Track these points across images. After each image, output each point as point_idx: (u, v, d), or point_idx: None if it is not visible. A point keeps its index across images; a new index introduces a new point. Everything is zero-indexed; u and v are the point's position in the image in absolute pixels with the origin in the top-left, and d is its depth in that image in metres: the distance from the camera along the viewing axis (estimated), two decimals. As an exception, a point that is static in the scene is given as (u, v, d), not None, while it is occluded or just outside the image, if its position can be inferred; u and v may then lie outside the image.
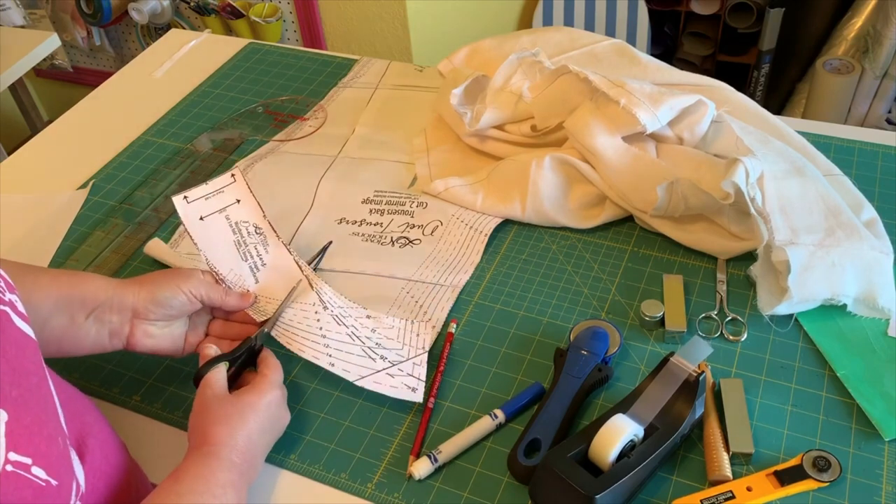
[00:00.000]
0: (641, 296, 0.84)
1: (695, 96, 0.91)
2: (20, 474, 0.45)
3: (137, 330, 0.73)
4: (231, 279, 0.81)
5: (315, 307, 0.82)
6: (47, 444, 0.48)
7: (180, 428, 0.76)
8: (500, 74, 1.01)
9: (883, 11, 2.01)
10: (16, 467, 0.44)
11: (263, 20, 1.92)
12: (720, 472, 0.67)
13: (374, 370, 0.77)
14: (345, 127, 1.13)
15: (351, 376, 0.76)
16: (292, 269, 0.84)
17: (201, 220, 0.81)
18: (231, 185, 0.84)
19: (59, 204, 1.04)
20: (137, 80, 1.29)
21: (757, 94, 2.36)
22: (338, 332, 0.80)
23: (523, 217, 0.93)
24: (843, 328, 0.78)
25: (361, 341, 0.80)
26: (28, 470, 0.45)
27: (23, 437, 0.46)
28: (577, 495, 0.62)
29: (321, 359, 0.77)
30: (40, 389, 0.51)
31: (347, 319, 0.82)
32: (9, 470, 0.44)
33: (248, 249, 0.83)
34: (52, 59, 2.41)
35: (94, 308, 0.71)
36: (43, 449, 0.48)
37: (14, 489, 0.44)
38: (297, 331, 0.80)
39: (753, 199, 0.81)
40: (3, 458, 0.44)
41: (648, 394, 0.70)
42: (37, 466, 0.46)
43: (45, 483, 0.47)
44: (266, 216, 0.85)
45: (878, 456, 0.68)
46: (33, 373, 0.51)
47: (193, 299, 0.75)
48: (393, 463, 0.72)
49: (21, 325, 0.52)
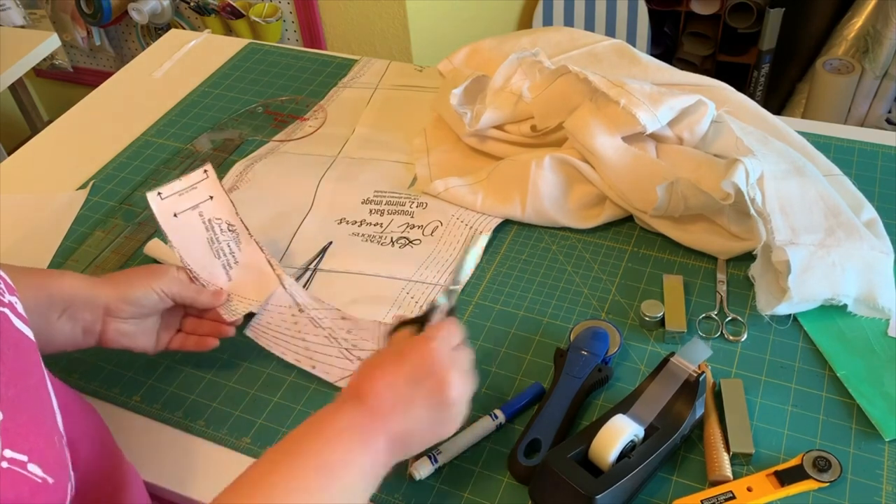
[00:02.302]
0: (641, 296, 0.84)
1: (695, 96, 0.91)
2: (16, 471, 0.45)
3: (110, 327, 0.73)
4: (204, 277, 0.81)
5: (291, 309, 0.82)
6: (44, 443, 0.49)
7: (180, 428, 0.77)
8: (500, 74, 1.01)
9: (883, 11, 2.01)
10: (11, 464, 0.45)
11: (263, 20, 1.92)
12: (720, 473, 0.67)
13: (353, 371, 0.77)
14: (345, 127, 1.13)
15: (332, 378, 0.77)
16: (264, 268, 0.84)
17: (175, 216, 0.81)
18: (204, 182, 0.83)
19: (59, 204, 1.04)
20: (137, 80, 1.29)
21: (757, 94, 2.36)
22: (316, 335, 0.81)
23: (523, 217, 0.93)
24: (843, 328, 0.78)
25: (339, 342, 0.80)
26: (24, 467, 0.45)
27: (19, 436, 0.46)
28: (577, 495, 0.62)
29: (303, 362, 0.78)
30: (38, 390, 0.51)
31: (324, 321, 0.82)
32: (4, 467, 0.44)
33: (220, 247, 0.83)
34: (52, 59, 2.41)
35: (68, 307, 0.71)
36: (39, 447, 0.48)
37: (11, 485, 0.44)
38: (278, 334, 0.80)
39: (753, 199, 0.81)
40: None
41: (648, 394, 0.70)
42: (33, 464, 0.46)
43: (42, 480, 0.47)
44: (238, 213, 0.84)
45: (878, 456, 0.68)
46: (31, 373, 0.51)
47: (165, 297, 0.75)
48: (393, 463, 0.72)
49: (21, 326, 0.52)
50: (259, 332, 0.80)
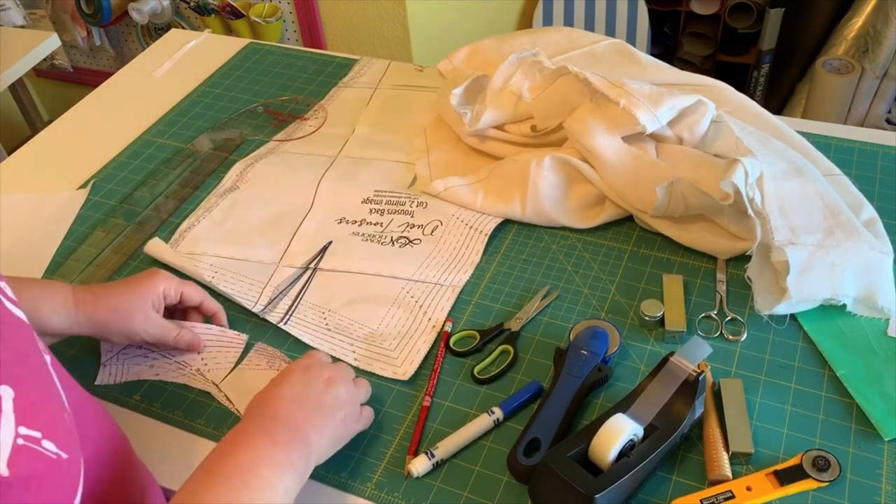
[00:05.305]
0: (641, 296, 0.84)
1: (695, 96, 0.91)
2: (31, 447, 0.45)
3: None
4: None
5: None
6: (54, 419, 0.49)
7: (180, 428, 0.77)
8: (500, 74, 1.01)
9: (883, 11, 2.00)
10: (27, 441, 0.45)
11: (263, 20, 1.92)
12: (720, 472, 0.67)
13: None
14: (345, 127, 1.13)
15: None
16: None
17: None
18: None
19: (59, 204, 1.04)
20: (137, 80, 1.29)
21: (757, 94, 2.36)
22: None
23: (523, 217, 0.93)
24: (843, 328, 0.78)
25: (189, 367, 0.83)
26: (38, 443, 0.46)
27: (31, 413, 0.46)
28: (577, 495, 0.62)
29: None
30: (41, 370, 0.52)
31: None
32: (20, 444, 0.44)
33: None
34: (52, 59, 2.41)
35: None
36: (51, 423, 0.48)
37: (27, 462, 0.44)
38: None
39: (752, 199, 0.81)
40: (13, 432, 0.44)
41: (648, 393, 0.70)
42: (46, 440, 0.47)
43: (56, 456, 0.47)
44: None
45: (877, 456, 0.68)
46: (33, 353, 0.52)
47: (143, 340, 0.78)
48: (392, 462, 0.72)
49: (14, 309, 0.52)
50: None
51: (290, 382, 0.68)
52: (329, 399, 0.68)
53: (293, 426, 0.64)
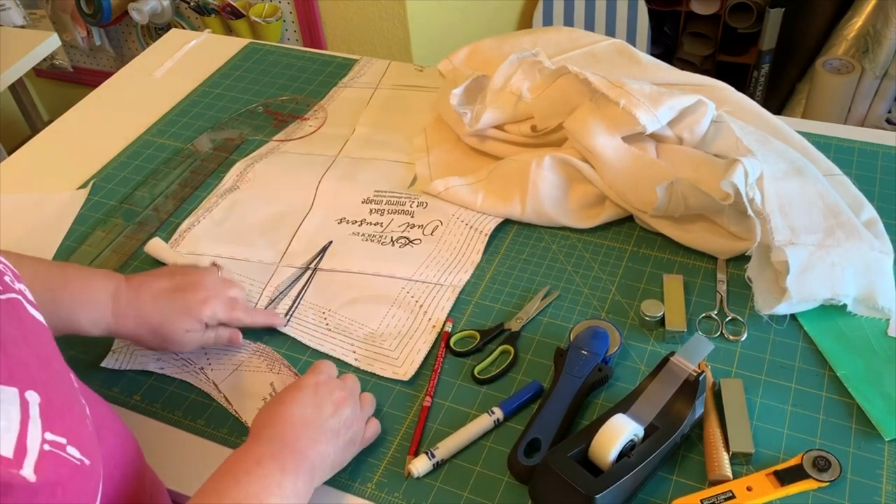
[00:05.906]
0: (641, 296, 0.84)
1: (695, 96, 0.91)
2: (57, 453, 0.45)
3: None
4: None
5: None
6: (78, 425, 0.49)
7: (180, 428, 0.77)
8: (500, 74, 1.01)
9: (883, 11, 2.00)
10: (53, 447, 0.45)
11: (263, 20, 1.92)
12: (720, 472, 0.67)
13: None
14: (345, 127, 1.13)
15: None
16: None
17: None
18: None
19: (59, 204, 1.04)
20: (137, 80, 1.29)
21: (757, 94, 2.36)
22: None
23: (523, 217, 0.93)
24: (843, 328, 0.78)
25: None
26: (63, 449, 0.46)
27: (56, 418, 0.47)
28: (577, 495, 0.62)
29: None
30: (63, 375, 0.52)
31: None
32: (46, 449, 0.44)
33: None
34: (52, 59, 2.41)
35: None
36: (75, 429, 0.48)
37: (53, 468, 0.45)
38: None
39: (752, 199, 0.81)
40: (40, 438, 0.44)
41: (648, 393, 0.70)
42: (71, 446, 0.47)
43: (80, 462, 0.47)
44: None
45: (878, 456, 0.68)
46: (54, 358, 0.52)
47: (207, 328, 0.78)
48: (393, 463, 0.72)
49: (35, 313, 0.53)
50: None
51: (301, 402, 0.66)
52: (336, 423, 0.67)
53: (300, 452, 0.64)
